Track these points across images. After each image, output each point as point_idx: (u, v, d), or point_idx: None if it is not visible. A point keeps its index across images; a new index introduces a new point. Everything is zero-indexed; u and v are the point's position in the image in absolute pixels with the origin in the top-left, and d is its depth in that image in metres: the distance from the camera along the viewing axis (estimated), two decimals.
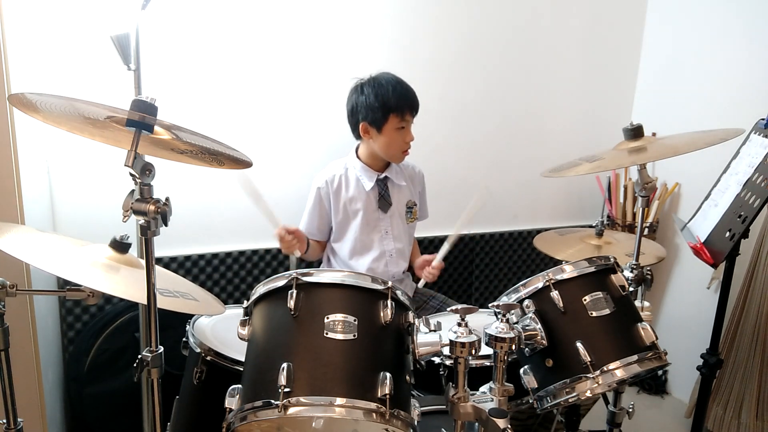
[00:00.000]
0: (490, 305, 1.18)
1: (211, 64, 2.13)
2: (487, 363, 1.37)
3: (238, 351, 1.41)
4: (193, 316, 1.63)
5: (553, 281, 1.22)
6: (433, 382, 1.43)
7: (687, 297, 2.68)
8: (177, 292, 1.36)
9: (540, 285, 1.24)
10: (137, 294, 1.17)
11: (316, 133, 2.34)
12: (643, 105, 2.89)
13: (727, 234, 1.69)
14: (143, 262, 1.10)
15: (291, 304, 1.03)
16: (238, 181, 1.77)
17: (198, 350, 1.48)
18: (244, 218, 2.29)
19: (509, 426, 1.05)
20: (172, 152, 1.10)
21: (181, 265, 2.20)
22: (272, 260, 2.34)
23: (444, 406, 1.15)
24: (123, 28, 1.51)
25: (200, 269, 2.24)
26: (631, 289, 1.50)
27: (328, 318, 1.02)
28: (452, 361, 1.10)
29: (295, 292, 1.04)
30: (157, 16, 1.96)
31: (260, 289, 1.11)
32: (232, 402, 1.03)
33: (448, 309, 1.18)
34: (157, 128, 1.04)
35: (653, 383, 2.78)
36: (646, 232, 2.58)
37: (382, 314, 1.05)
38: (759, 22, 2.33)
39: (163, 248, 2.15)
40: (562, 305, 1.20)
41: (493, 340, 1.11)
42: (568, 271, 1.24)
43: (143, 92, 1.57)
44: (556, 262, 1.41)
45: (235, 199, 2.26)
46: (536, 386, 1.22)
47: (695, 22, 2.60)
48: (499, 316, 1.14)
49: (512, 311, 1.15)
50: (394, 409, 0.98)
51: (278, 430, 1.08)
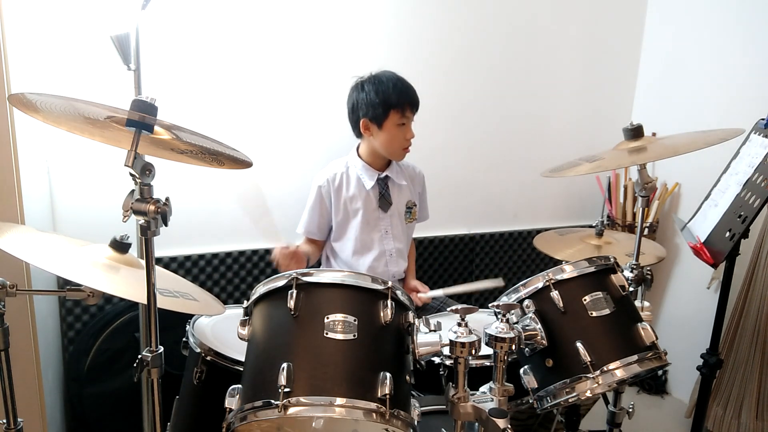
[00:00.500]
0: (490, 305, 1.18)
1: (211, 64, 2.13)
2: (487, 363, 1.37)
3: (238, 351, 1.41)
4: (193, 316, 1.63)
5: (553, 281, 1.22)
6: (433, 382, 1.43)
7: (687, 297, 2.68)
8: (177, 292, 1.36)
9: (540, 285, 1.24)
10: (137, 294, 1.16)
11: (316, 133, 2.34)
12: (643, 105, 2.89)
13: (727, 234, 1.69)
14: (143, 262, 1.10)
15: (291, 304, 1.03)
16: (248, 191, 1.78)
17: (198, 350, 1.48)
18: (244, 218, 2.29)
19: (509, 426, 1.05)
20: (172, 152, 1.10)
21: (181, 265, 2.20)
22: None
23: (444, 406, 1.15)
24: (123, 28, 1.51)
25: (200, 269, 2.24)
26: (631, 289, 1.49)
27: (328, 318, 1.02)
28: (452, 361, 1.10)
29: (295, 292, 1.04)
30: (157, 16, 1.96)
31: (260, 289, 1.11)
32: (232, 402, 1.03)
33: (448, 309, 1.18)
34: (157, 128, 1.04)
35: (653, 383, 2.78)
36: (646, 232, 2.58)
37: (382, 314, 1.05)
38: (759, 22, 2.33)
39: (163, 248, 2.15)
40: (562, 305, 1.20)
41: (493, 340, 1.11)
42: (568, 271, 1.24)
43: (143, 92, 1.57)
44: (556, 262, 1.41)
45: (235, 199, 2.26)
46: (536, 386, 1.22)
47: (695, 22, 2.60)
48: (499, 316, 1.14)
49: (512, 311, 1.15)
50: (394, 409, 0.98)
51: (278, 430, 1.08)
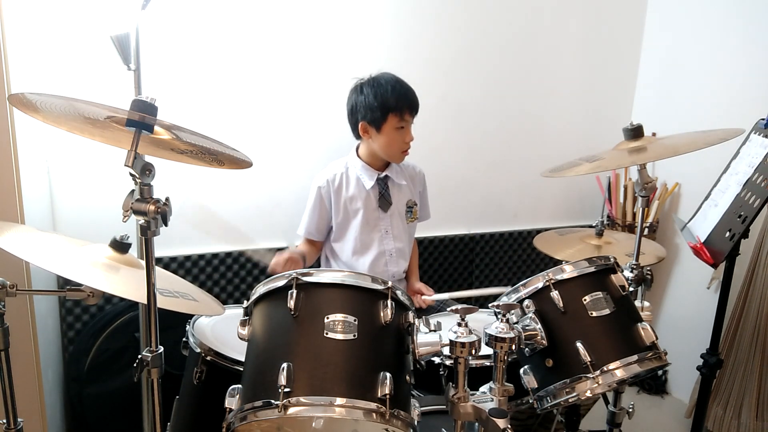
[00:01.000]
0: (490, 305, 1.18)
1: (211, 64, 2.13)
2: (487, 363, 1.36)
3: (238, 351, 1.41)
4: (193, 316, 1.63)
5: (553, 281, 1.22)
6: (433, 382, 1.43)
7: (687, 297, 2.68)
8: (177, 292, 1.36)
9: (540, 285, 1.24)
10: (137, 294, 1.16)
11: (316, 133, 2.34)
12: (643, 105, 2.89)
13: (727, 234, 1.69)
14: (143, 262, 1.10)
15: (291, 304, 1.03)
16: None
17: (198, 350, 1.48)
18: (244, 218, 2.29)
19: (509, 426, 1.05)
20: (172, 152, 1.10)
21: (181, 265, 2.20)
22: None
23: (444, 406, 1.15)
24: (123, 28, 1.51)
25: (200, 269, 2.24)
26: (631, 289, 1.49)
27: (328, 318, 1.02)
28: (452, 361, 1.10)
29: (295, 292, 1.04)
30: (157, 16, 1.96)
31: (260, 289, 1.11)
32: (232, 402, 1.03)
33: (448, 309, 1.18)
34: (157, 128, 1.04)
35: (653, 383, 2.78)
36: (646, 232, 2.58)
37: (382, 314, 1.05)
38: (759, 22, 2.33)
39: (163, 248, 2.15)
40: (562, 305, 1.20)
41: (493, 340, 1.11)
42: (568, 271, 1.24)
43: (143, 92, 1.57)
44: (556, 262, 1.41)
45: (235, 199, 2.27)
46: (536, 386, 1.22)
47: (695, 22, 2.59)
48: (499, 316, 1.14)
49: (512, 311, 1.15)
50: (394, 409, 0.98)
51: (278, 430, 1.08)
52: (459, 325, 1.10)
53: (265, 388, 0.99)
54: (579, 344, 1.16)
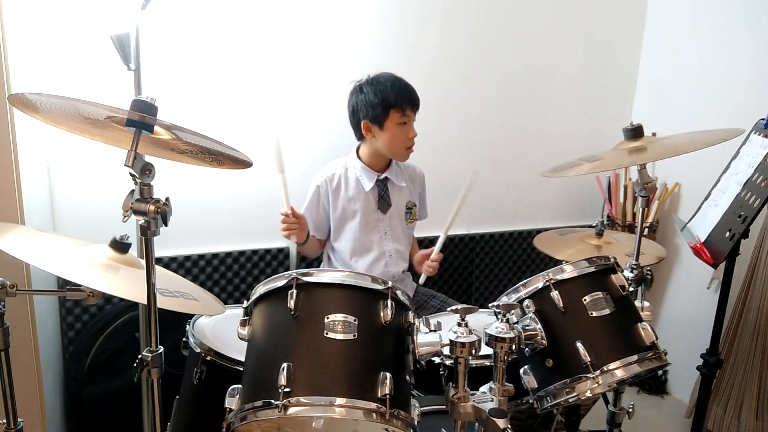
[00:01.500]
0: (490, 305, 1.18)
1: (212, 64, 2.13)
2: (487, 363, 1.37)
3: (238, 351, 1.41)
4: (193, 316, 1.63)
5: (553, 281, 1.22)
6: (433, 382, 1.43)
7: (687, 297, 2.68)
8: (177, 292, 1.36)
9: (540, 285, 1.24)
10: (137, 294, 1.16)
11: (316, 133, 2.34)
12: (643, 105, 2.89)
13: (727, 234, 1.69)
14: (143, 262, 1.10)
15: (291, 304, 1.03)
16: (272, 145, 1.87)
17: (198, 350, 1.48)
18: (244, 218, 2.29)
19: (509, 426, 1.05)
20: (172, 152, 1.10)
21: (181, 265, 2.20)
22: (272, 260, 2.34)
23: (444, 406, 1.15)
24: (123, 28, 1.51)
25: (200, 269, 2.24)
26: (631, 289, 1.49)
27: (328, 318, 1.02)
28: (452, 361, 1.10)
29: (295, 292, 1.04)
30: (157, 16, 1.96)
31: (260, 289, 1.11)
32: (232, 402, 1.03)
33: (448, 309, 1.18)
34: (157, 128, 1.04)
35: (653, 383, 2.78)
36: (646, 232, 2.58)
37: (382, 314, 1.05)
38: (759, 22, 2.33)
39: (163, 248, 2.15)
40: (562, 305, 1.20)
41: (493, 340, 1.11)
42: (568, 271, 1.24)
43: (143, 92, 1.57)
44: (556, 262, 1.41)
45: (235, 199, 2.27)
46: (536, 386, 1.22)
47: (695, 22, 2.59)
48: (499, 316, 1.14)
49: (512, 311, 1.15)
50: (394, 409, 0.98)
51: (278, 430, 1.08)
52: (459, 325, 1.10)
53: (265, 388, 0.99)
54: (579, 344, 1.16)
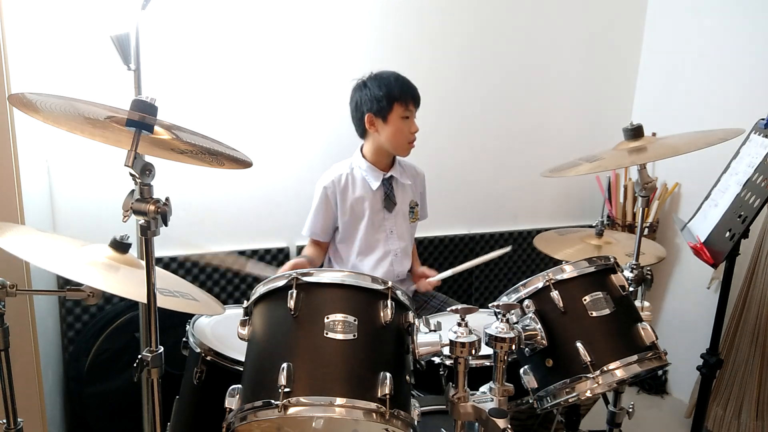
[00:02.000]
0: (490, 305, 1.18)
1: (211, 64, 2.13)
2: (487, 363, 1.36)
3: (238, 351, 1.41)
4: (193, 316, 1.63)
5: (553, 281, 1.22)
6: (433, 382, 1.43)
7: (687, 297, 2.68)
8: (177, 292, 1.37)
9: (540, 285, 1.24)
10: (137, 294, 1.17)
11: (316, 133, 2.34)
12: (643, 105, 2.89)
13: (727, 234, 1.69)
14: (143, 262, 1.10)
15: (291, 304, 1.03)
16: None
17: (198, 350, 1.48)
18: (244, 218, 2.29)
19: (509, 426, 1.05)
20: (172, 152, 1.10)
21: (181, 265, 2.20)
22: (272, 260, 2.34)
23: (444, 406, 1.15)
24: (123, 28, 1.51)
25: (200, 269, 2.24)
26: (631, 289, 1.49)
27: (328, 318, 1.02)
28: (452, 361, 1.10)
29: (295, 292, 1.04)
30: (157, 16, 1.96)
31: (260, 289, 1.11)
32: (232, 402, 1.03)
33: (448, 309, 1.18)
34: (157, 128, 1.04)
35: (653, 383, 2.78)
36: (646, 232, 2.58)
37: (382, 314, 1.05)
38: (759, 21, 2.33)
39: (163, 248, 2.15)
40: (562, 305, 1.20)
41: (493, 340, 1.11)
42: (568, 271, 1.24)
43: (143, 92, 1.57)
44: (556, 262, 1.41)
45: (235, 200, 2.27)
46: (536, 386, 1.22)
47: (696, 22, 2.59)
48: (499, 316, 1.14)
49: (512, 311, 1.15)
50: (394, 409, 0.98)
51: (278, 430, 1.08)
52: (459, 325, 1.10)
53: (265, 388, 0.99)
54: (579, 344, 1.16)
